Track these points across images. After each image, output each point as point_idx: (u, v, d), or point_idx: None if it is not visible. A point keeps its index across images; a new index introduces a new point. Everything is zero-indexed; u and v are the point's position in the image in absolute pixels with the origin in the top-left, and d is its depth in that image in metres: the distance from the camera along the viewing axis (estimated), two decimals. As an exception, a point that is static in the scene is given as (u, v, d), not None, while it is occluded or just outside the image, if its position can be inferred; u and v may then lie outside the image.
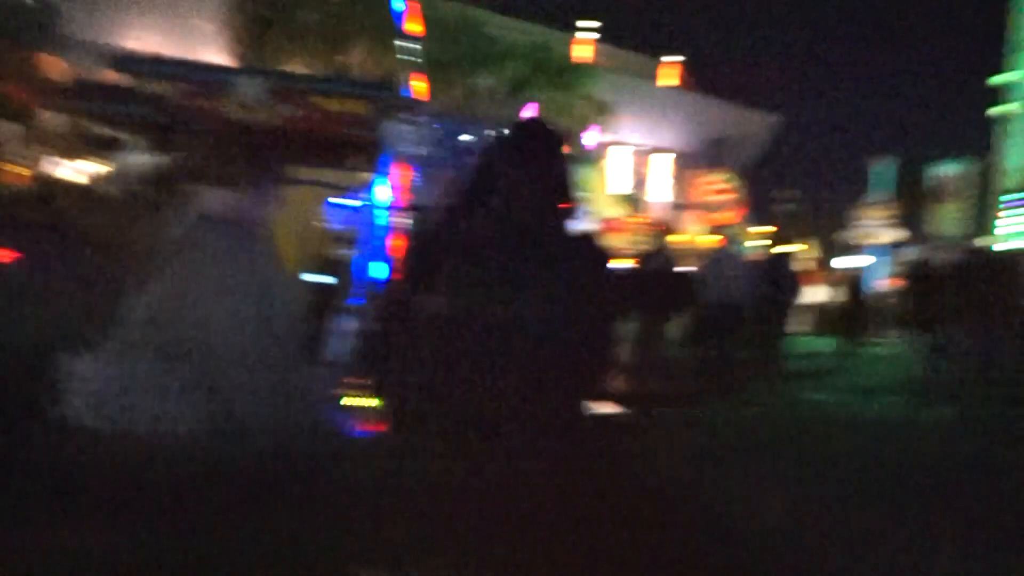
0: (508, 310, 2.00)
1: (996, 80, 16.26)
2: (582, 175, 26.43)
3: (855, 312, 14.46)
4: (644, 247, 30.08)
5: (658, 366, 8.88)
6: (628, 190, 37.03)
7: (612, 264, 2.65)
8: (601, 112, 20.80)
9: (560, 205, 2.33)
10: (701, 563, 3.03)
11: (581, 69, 19.60)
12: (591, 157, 27.49)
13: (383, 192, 6.63)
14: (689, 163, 38.94)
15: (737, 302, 9.21)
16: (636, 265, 10.35)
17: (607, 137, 36.29)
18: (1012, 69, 13.30)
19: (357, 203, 7.21)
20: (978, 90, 20.81)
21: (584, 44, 29.63)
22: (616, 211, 29.76)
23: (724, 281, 9.27)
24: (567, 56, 19.44)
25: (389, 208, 6.60)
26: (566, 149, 2.36)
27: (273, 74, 9.99)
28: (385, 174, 6.61)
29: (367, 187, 6.86)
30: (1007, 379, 8.10)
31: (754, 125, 38.03)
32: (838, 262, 28.44)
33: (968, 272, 8.79)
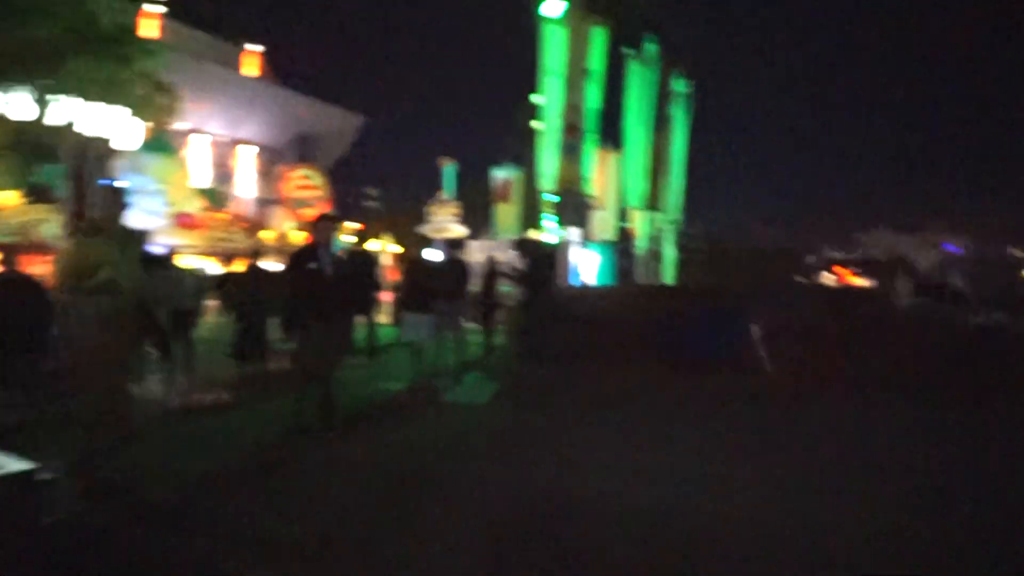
0: None
1: (533, 99, 19.04)
2: (156, 165, 23.45)
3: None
4: (228, 244, 27.86)
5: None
6: (210, 184, 34.32)
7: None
8: (168, 95, 18.59)
9: None
10: None
11: (141, 44, 17.17)
12: (163, 145, 24.61)
13: None
14: (276, 158, 37.92)
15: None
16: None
17: (184, 125, 33.01)
18: (541, 92, 15.71)
19: None
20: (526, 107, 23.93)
21: (150, 18, 26.30)
22: (195, 205, 27.19)
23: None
24: (126, 26, 16.84)
25: None
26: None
27: None
28: None
29: None
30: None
31: (339, 123, 38.72)
32: (427, 255, 30.48)
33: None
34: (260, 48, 37.35)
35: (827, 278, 49.80)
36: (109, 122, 17.20)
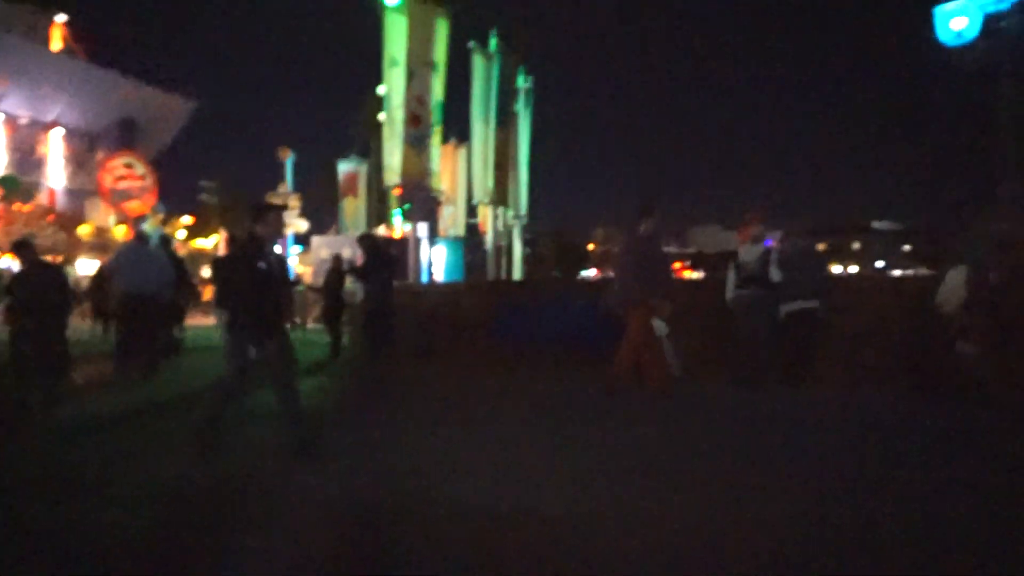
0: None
1: (379, 90, 18.48)
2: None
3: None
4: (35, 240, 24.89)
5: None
6: (8, 170, 30.50)
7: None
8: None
9: None
10: None
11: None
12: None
13: None
14: (93, 144, 34.38)
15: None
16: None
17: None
18: (384, 82, 15.26)
19: None
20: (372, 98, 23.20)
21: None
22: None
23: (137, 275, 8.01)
24: None
25: None
26: None
27: None
28: None
29: None
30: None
31: (166, 108, 35.66)
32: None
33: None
34: (64, 18, 33.43)
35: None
36: None
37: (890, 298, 7.35)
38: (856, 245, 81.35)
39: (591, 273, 54.59)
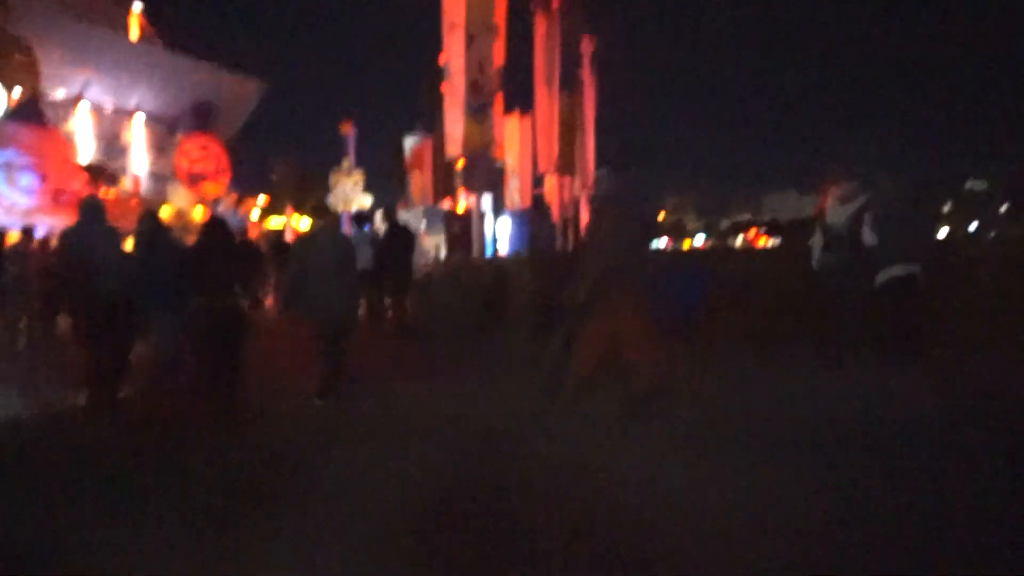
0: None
1: (441, 61, 18.15)
2: (26, 136, 21.27)
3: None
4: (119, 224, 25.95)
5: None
6: (98, 157, 31.84)
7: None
8: (28, 53, 16.73)
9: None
10: None
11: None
12: (36, 114, 22.35)
13: None
14: (171, 129, 35.44)
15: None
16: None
17: (63, 94, 30.35)
18: (444, 50, 14.93)
19: None
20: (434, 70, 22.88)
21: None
22: (79, 181, 25.04)
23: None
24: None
25: None
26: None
27: None
28: None
29: None
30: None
31: (238, 90, 36.36)
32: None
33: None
34: (140, 7, 34.46)
35: (738, 241, 51.30)
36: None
37: (997, 265, 6.54)
38: (947, 207, 76.53)
39: (662, 243, 53.27)
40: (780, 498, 3.34)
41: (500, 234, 20.34)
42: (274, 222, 32.01)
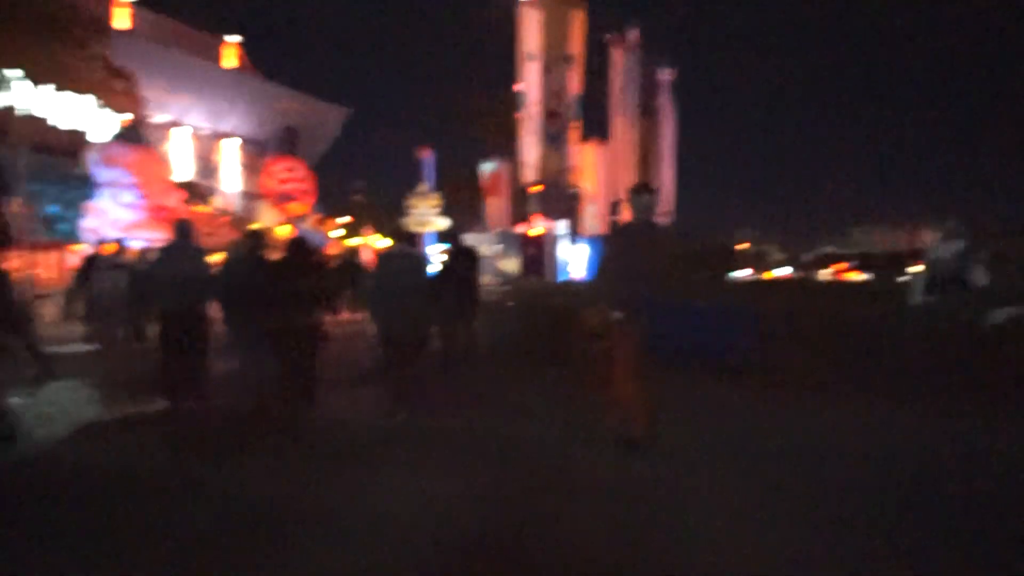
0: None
1: (516, 89, 18.30)
2: (130, 157, 22.62)
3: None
4: (211, 239, 27.21)
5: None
6: (193, 177, 33.59)
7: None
8: (126, 81, 17.80)
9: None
10: None
11: (97, 25, 16.38)
12: (138, 137, 23.77)
13: None
14: (259, 151, 37.12)
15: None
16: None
17: (164, 118, 32.17)
18: (520, 80, 15.01)
19: None
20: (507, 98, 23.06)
21: (121, 7, 25.58)
22: (175, 199, 26.43)
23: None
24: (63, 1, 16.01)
25: None
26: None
27: None
28: None
29: None
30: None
31: (322, 116, 37.90)
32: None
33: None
34: (238, 39, 36.63)
35: (823, 274, 49.28)
36: (72, 111, 16.41)
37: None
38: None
39: (746, 273, 51.59)
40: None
41: (575, 259, 20.14)
42: (353, 242, 32.92)
